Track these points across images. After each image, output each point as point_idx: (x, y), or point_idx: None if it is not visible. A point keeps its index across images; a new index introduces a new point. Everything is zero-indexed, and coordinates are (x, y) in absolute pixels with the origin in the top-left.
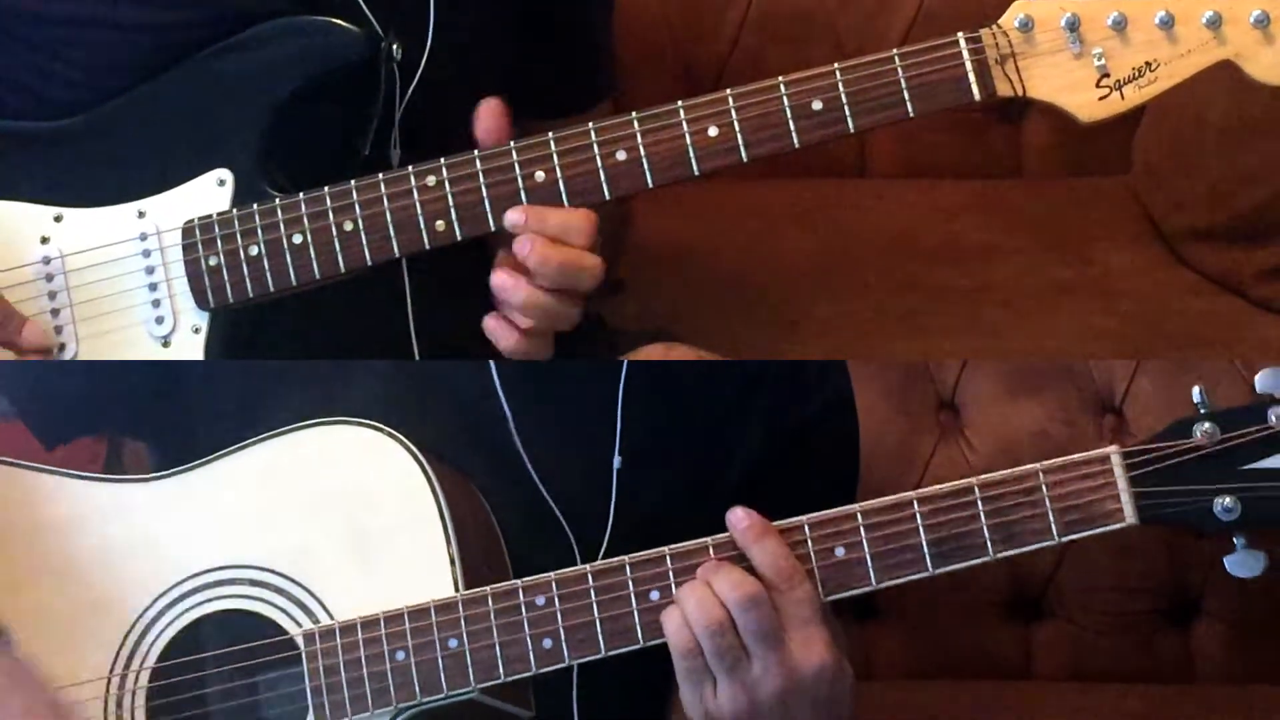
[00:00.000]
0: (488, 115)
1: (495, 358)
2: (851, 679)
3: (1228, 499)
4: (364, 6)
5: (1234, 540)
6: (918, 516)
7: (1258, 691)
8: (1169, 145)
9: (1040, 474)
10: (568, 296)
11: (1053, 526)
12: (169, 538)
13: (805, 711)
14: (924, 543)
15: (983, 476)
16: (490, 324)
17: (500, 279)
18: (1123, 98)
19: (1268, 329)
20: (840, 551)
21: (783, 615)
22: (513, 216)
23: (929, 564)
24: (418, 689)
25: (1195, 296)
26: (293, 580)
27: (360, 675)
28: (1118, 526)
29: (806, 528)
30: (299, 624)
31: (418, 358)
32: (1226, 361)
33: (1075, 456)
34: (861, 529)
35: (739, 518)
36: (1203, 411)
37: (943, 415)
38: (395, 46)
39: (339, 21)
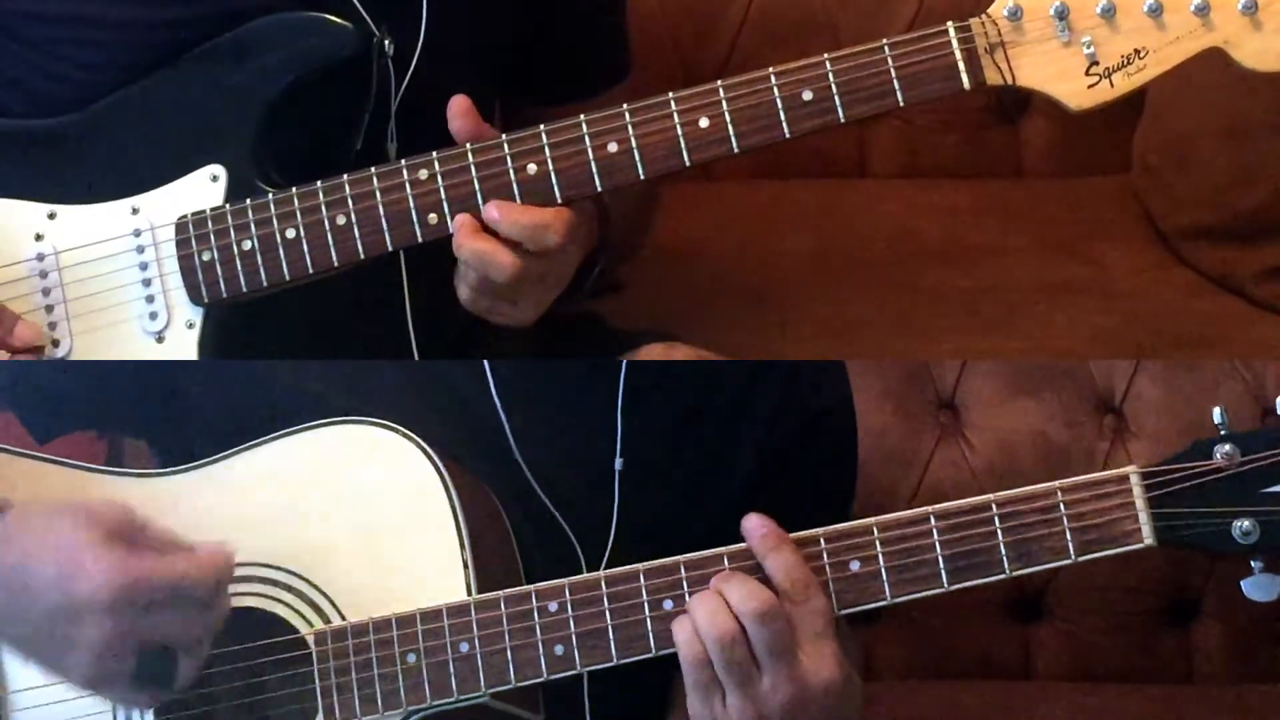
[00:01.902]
0: (457, 115)
1: (494, 355)
2: (860, 691)
3: (1246, 522)
4: (356, 3)
5: (1251, 563)
6: (934, 532)
7: (1258, 691)
8: (1169, 145)
9: (1059, 493)
10: (486, 279)
11: (1070, 546)
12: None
13: None
14: (940, 558)
15: (1000, 494)
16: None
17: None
18: (1112, 85)
19: (1268, 329)
20: (855, 565)
21: (795, 628)
22: (490, 211)
23: (944, 580)
24: (428, 692)
25: (1195, 296)
26: (305, 579)
27: (370, 676)
28: (1135, 547)
29: (822, 540)
30: (310, 623)
31: (415, 353)
32: (1227, 361)
33: (1094, 475)
34: (877, 543)
35: (755, 525)
36: (1223, 433)
37: (943, 415)
38: (388, 42)
39: (331, 17)
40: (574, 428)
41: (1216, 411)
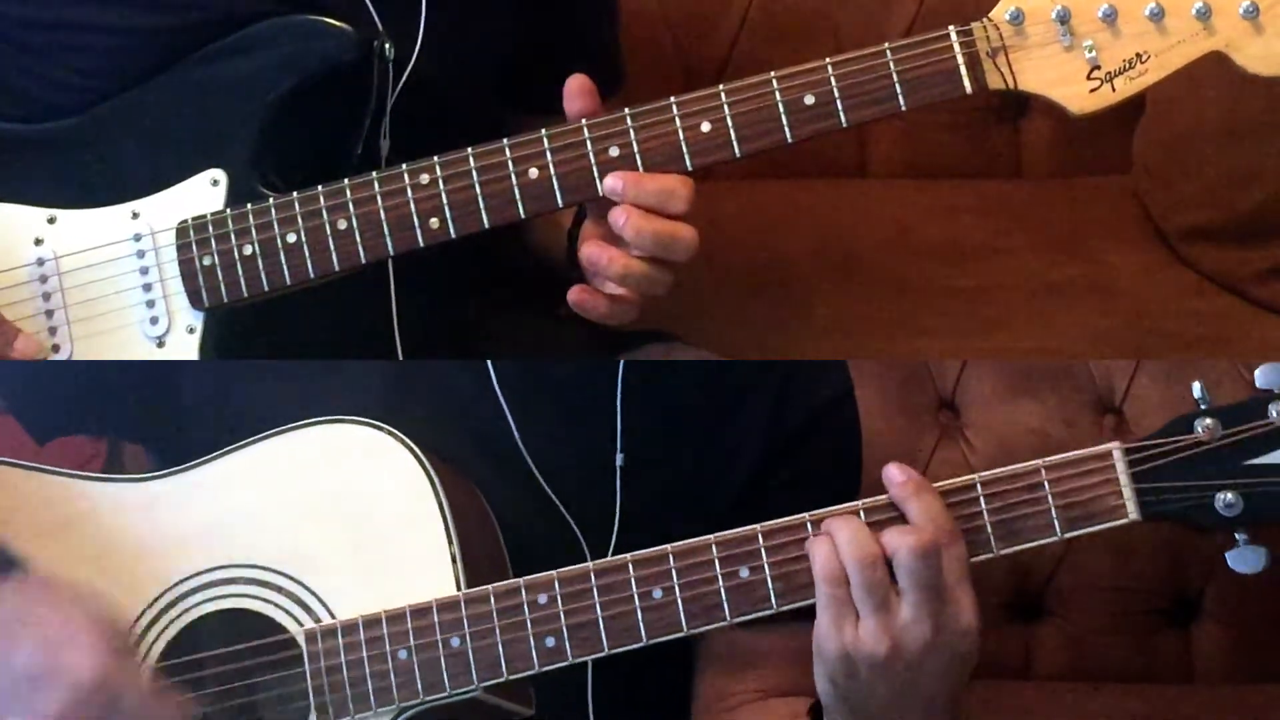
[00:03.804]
0: (576, 96)
1: (484, 355)
2: (978, 652)
3: (1229, 494)
4: (368, 2)
5: (1235, 536)
6: None
7: (1258, 691)
8: (1169, 145)
9: (1043, 470)
10: (663, 264)
11: (1055, 523)
12: (170, 537)
13: (939, 669)
14: None
15: (985, 473)
16: (577, 296)
17: (592, 251)
18: (1114, 89)
19: (1268, 329)
20: None
21: (942, 565)
22: (611, 182)
23: None
24: (420, 687)
25: (1195, 296)
26: (294, 579)
27: (362, 674)
28: (1120, 522)
29: (809, 525)
30: (300, 623)
31: (400, 357)
32: (1226, 361)
33: (1077, 453)
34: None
35: (896, 473)
36: (1204, 407)
37: (943, 415)
38: (388, 45)
39: (332, 21)
40: (576, 425)
41: (1196, 386)
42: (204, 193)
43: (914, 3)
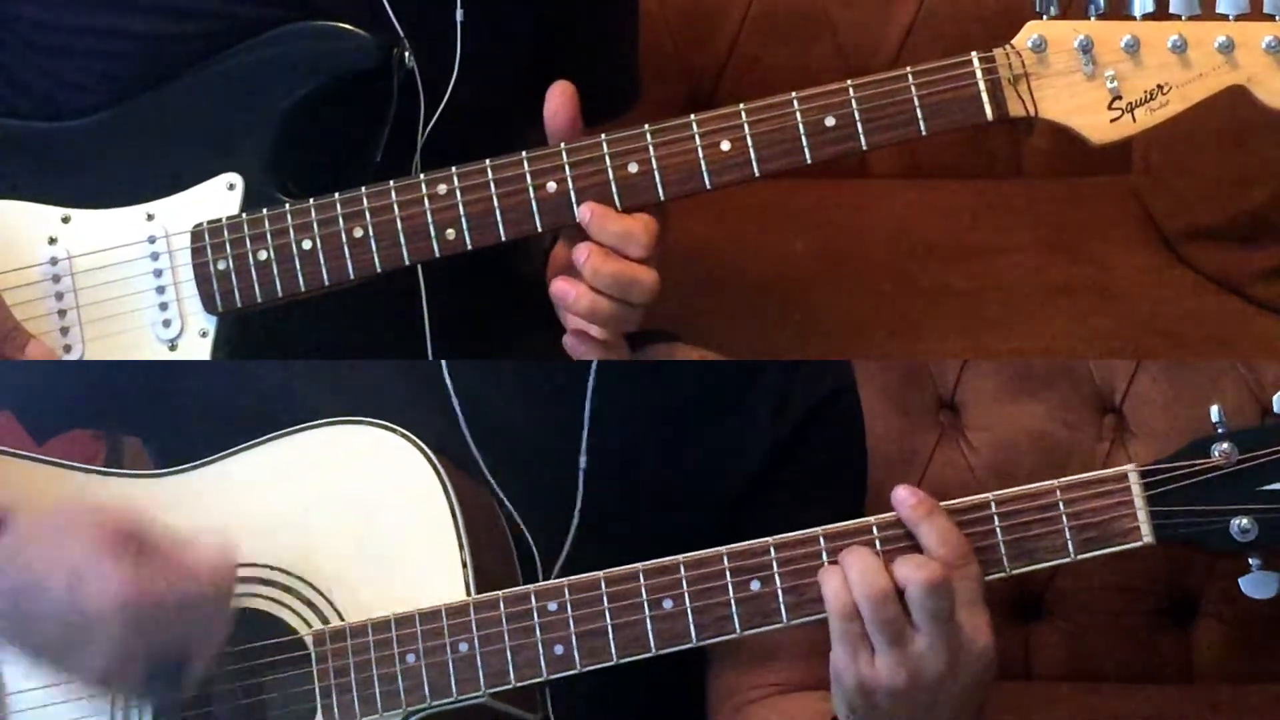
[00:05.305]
0: (559, 100)
1: (515, 356)
2: (996, 667)
3: (1245, 520)
4: (389, 12)
5: (1250, 561)
6: None
7: (1258, 691)
8: (1169, 145)
9: (1058, 490)
10: (625, 304)
11: (1069, 544)
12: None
13: (958, 691)
14: None
15: (999, 492)
16: (569, 341)
17: (561, 286)
18: (1134, 120)
19: (1268, 329)
20: None
21: (954, 594)
22: (582, 212)
23: None
24: (427, 692)
25: (1195, 296)
26: (303, 580)
27: (370, 677)
28: (1135, 545)
29: (822, 539)
30: (309, 624)
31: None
32: (1226, 361)
33: (1092, 474)
34: (877, 542)
35: (905, 495)
36: (1220, 431)
37: (943, 415)
38: (407, 54)
39: (350, 27)
40: (540, 428)
41: (1214, 410)
42: (220, 196)
43: (914, 4)
